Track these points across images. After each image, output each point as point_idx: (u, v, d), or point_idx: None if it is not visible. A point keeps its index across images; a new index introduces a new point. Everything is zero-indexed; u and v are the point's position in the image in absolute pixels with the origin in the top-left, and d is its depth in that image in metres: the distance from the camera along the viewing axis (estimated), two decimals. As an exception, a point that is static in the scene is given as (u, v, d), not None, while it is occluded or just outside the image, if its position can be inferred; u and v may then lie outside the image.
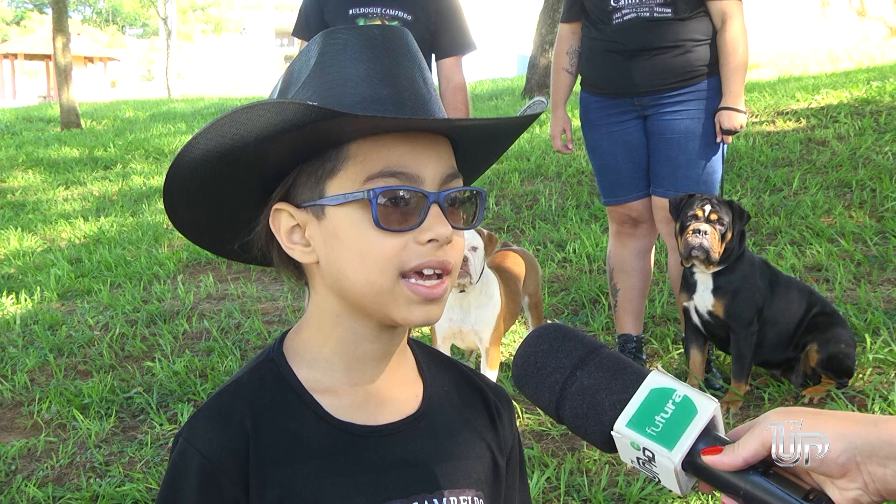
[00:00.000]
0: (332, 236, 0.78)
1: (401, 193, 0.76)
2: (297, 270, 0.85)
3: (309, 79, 0.79)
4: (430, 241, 0.76)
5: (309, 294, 0.85)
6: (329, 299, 0.82)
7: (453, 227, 0.78)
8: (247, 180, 0.80)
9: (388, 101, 0.77)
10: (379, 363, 0.84)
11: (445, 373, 0.92)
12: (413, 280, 0.76)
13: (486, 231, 2.66)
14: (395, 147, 0.76)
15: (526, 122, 0.86)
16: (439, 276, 0.78)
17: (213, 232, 0.87)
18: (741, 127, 2.76)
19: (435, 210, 0.77)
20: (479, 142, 0.86)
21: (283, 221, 0.81)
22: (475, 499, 0.85)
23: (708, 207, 2.61)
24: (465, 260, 2.56)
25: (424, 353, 0.92)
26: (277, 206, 0.81)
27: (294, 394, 0.81)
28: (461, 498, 0.84)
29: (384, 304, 0.77)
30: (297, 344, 0.85)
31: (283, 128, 0.73)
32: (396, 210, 0.75)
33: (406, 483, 0.81)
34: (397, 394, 0.86)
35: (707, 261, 2.62)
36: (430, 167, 0.78)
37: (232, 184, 0.80)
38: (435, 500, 0.82)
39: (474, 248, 2.58)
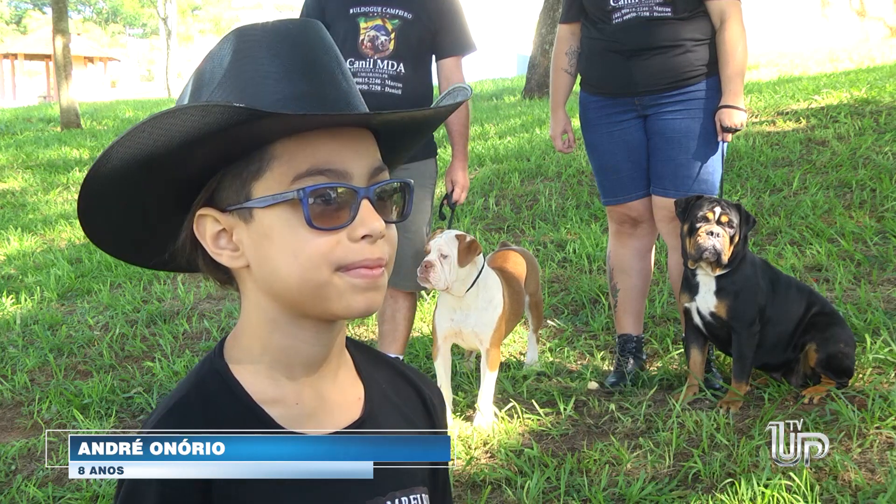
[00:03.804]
0: (263, 238, 0.76)
1: (331, 191, 0.75)
2: (225, 276, 0.83)
3: (224, 79, 0.76)
4: (363, 237, 0.76)
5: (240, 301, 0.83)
6: (263, 304, 0.80)
7: (385, 221, 0.77)
8: (169, 187, 0.78)
9: (310, 97, 0.76)
10: (320, 367, 0.83)
11: (381, 371, 0.92)
12: (352, 270, 0.76)
13: (468, 237, 2.61)
14: (321, 144, 0.75)
15: (449, 112, 0.86)
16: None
17: (134, 244, 0.85)
18: (741, 125, 2.76)
19: (366, 205, 0.76)
20: (402, 133, 0.85)
21: (209, 227, 0.79)
22: (422, 496, 0.86)
23: (718, 210, 2.61)
24: (431, 267, 2.52)
25: (360, 352, 0.92)
26: (201, 211, 0.79)
27: (244, 406, 0.80)
28: (410, 497, 0.85)
29: (322, 298, 0.76)
30: (237, 353, 0.82)
31: (207, 131, 0.71)
32: (328, 208, 0.75)
33: (359, 488, 0.81)
34: (341, 398, 0.85)
35: (717, 263, 2.62)
36: (357, 162, 0.77)
37: (153, 192, 0.78)
38: (388, 502, 0.83)
39: (444, 256, 2.54)
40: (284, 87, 0.75)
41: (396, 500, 0.83)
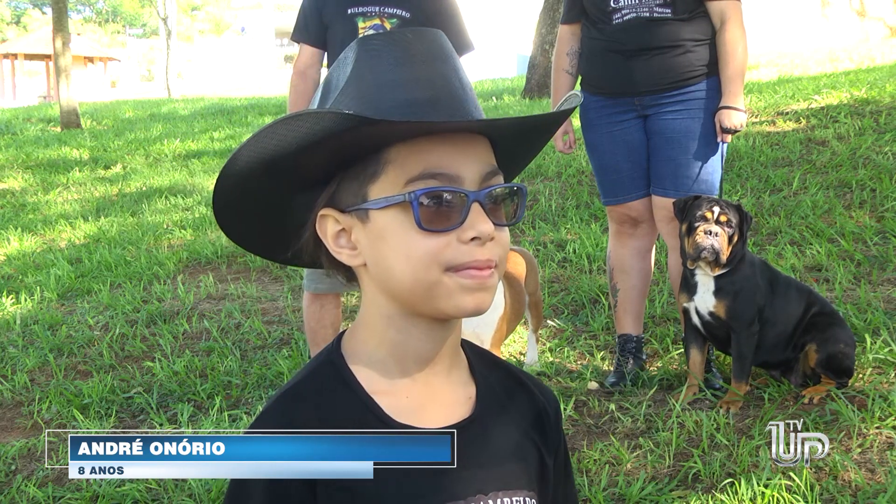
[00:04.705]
0: (378, 238, 0.80)
1: (441, 194, 0.77)
2: (349, 273, 0.87)
3: (346, 86, 0.81)
4: (472, 238, 0.78)
5: (360, 296, 0.87)
6: (379, 300, 0.83)
7: (496, 223, 0.79)
8: (291, 189, 0.83)
9: (424, 103, 0.79)
10: (433, 363, 0.85)
11: (494, 373, 0.93)
12: (462, 271, 0.78)
13: None
14: (434, 149, 0.78)
15: (562, 117, 0.88)
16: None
17: (262, 241, 0.90)
18: (741, 126, 2.76)
19: (476, 208, 0.78)
20: (517, 139, 0.87)
21: (329, 227, 0.83)
22: (527, 499, 0.86)
23: (717, 209, 2.61)
24: None
25: (475, 354, 0.94)
26: (323, 212, 0.83)
27: (355, 396, 0.83)
28: (514, 499, 0.85)
29: (433, 297, 0.79)
30: (354, 345, 0.86)
31: (321, 136, 0.75)
32: (438, 210, 0.77)
33: (462, 484, 0.83)
34: (452, 395, 0.87)
35: (715, 262, 2.62)
36: (469, 166, 0.79)
37: (277, 193, 0.83)
38: (490, 502, 0.84)
39: None
40: (399, 94, 0.79)
41: (499, 500, 0.84)
